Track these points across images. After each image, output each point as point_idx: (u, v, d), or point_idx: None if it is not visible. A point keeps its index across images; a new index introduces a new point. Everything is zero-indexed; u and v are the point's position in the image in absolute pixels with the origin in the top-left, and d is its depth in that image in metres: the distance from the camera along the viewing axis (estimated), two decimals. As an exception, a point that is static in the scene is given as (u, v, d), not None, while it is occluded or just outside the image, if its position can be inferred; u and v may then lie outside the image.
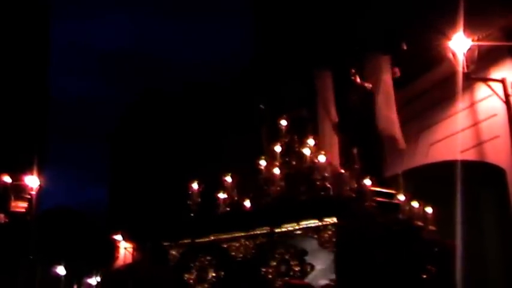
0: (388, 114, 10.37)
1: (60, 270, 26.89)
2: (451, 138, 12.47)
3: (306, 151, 8.55)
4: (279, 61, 13.75)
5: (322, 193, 8.06)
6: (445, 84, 12.19)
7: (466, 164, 11.60)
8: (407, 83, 12.32)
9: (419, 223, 9.35)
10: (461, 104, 12.09)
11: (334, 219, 7.75)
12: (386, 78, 10.58)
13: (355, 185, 8.57)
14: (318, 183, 8.12)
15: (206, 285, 8.81)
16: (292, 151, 9.17)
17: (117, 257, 22.36)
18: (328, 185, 8.06)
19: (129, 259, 21.16)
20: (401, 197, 9.30)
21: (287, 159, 9.09)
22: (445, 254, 9.46)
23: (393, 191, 9.54)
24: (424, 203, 9.60)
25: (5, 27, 13.64)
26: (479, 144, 11.92)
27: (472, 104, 12.14)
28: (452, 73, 11.55)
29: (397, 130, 10.42)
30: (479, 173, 11.83)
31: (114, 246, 22.58)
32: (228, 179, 9.04)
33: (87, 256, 25.19)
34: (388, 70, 10.68)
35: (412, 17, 12.61)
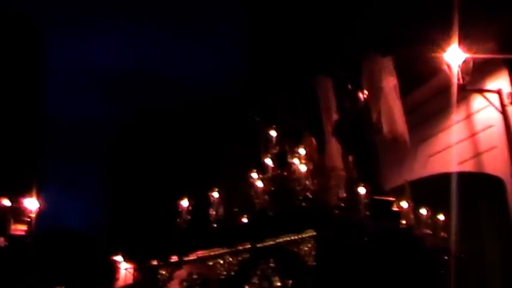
0: (391, 116, 10.27)
1: (61, 293, 26.71)
2: (449, 150, 12.40)
3: (295, 161, 8.41)
4: (272, 70, 13.74)
5: (303, 204, 7.87)
6: (441, 96, 12.13)
7: (464, 175, 11.54)
8: (404, 95, 12.24)
9: (427, 231, 9.27)
10: (457, 115, 12.06)
11: (313, 232, 7.62)
12: (387, 81, 10.48)
13: (345, 194, 8.45)
14: (298, 194, 7.96)
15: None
16: (283, 162, 9.08)
17: (118, 278, 22.25)
18: (310, 196, 7.89)
19: (130, 280, 21.07)
20: (404, 204, 9.14)
21: (278, 171, 9.03)
22: (455, 261, 9.34)
23: (392, 199, 9.43)
24: (433, 210, 9.52)
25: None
26: (476, 155, 11.88)
27: (469, 116, 12.12)
28: (448, 85, 11.52)
29: (402, 130, 10.30)
30: (477, 184, 11.75)
31: (114, 267, 22.48)
32: (215, 194, 8.96)
33: (87, 278, 25.07)
34: (390, 71, 10.58)
35: (406, 29, 12.59)
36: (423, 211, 9.36)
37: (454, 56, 11.05)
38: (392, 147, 10.52)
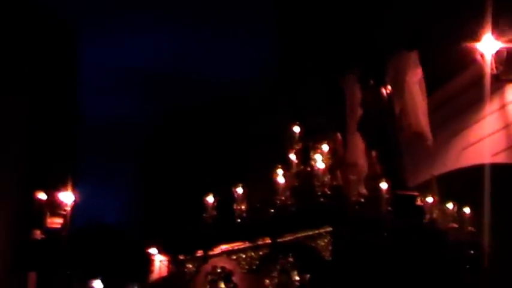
0: (415, 112, 10.13)
1: (97, 284, 27.18)
2: (482, 142, 12.20)
3: (318, 157, 8.39)
4: (300, 67, 13.71)
5: (321, 200, 7.87)
6: (474, 88, 11.96)
7: (497, 167, 11.35)
8: (435, 89, 12.11)
9: (454, 225, 9.12)
10: (491, 106, 11.86)
11: (329, 228, 7.63)
12: (412, 75, 10.33)
13: (365, 190, 8.39)
14: (317, 190, 7.95)
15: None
16: (307, 158, 9.06)
17: (153, 270, 22.54)
18: (328, 191, 7.88)
19: (164, 272, 21.32)
20: (429, 199, 9.04)
21: (302, 167, 9.02)
22: (483, 256, 9.22)
23: (416, 194, 9.33)
24: (463, 204, 9.37)
25: (33, 48, 14.04)
26: (511, 146, 11.65)
27: (503, 106, 11.87)
28: (481, 76, 11.36)
29: (424, 127, 10.15)
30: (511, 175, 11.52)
31: (149, 260, 22.79)
32: (239, 190, 9.02)
33: (122, 270, 25.46)
34: (415, 65, 10.42)
35: (438, 19, 12.41)
36: (449, 205, 9.20)
37: (488, 46, 10.90)
38: (418, 143, 10.36)
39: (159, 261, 22.43)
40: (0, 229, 12.77)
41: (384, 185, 8.34)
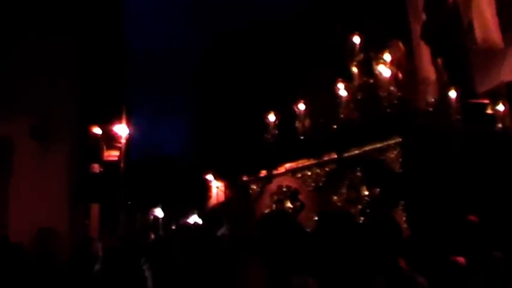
0: (484, 21, 9.65)
1: (158, 212, 27.78)
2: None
3: (381, 67, 8.03)
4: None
5: (388, 111, 7.57)
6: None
7: None
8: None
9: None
10: None
11: (398, 139, 7.34)
12: None
13: (434, 98, 8.05)
14: (383, 101, 7.65)
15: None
16: (369, 70, 8.74)
17: (210, 196, 22.82)
18: (395, 102, 7.57)
19: (222, 197, 21.55)
20: (500, 107, 8.55)
21: (364, 78, 8.72)
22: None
23: (487, 101, 8.94)
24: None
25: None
26: None
27: None
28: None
29: (496, 36, 9.69)
30: None
31: (206, 186, 23.04)
32: (301, 106, 8.80)
33: (181, 198, 25.89)
34: None
35: None
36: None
37: None
38: (486, 51, 9.87)
39: (216, 187, 22.70)
40: (61, 164, 12.87)
41: (452, 94, 7.99)
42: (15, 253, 5.40)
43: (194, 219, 23.24)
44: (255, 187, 9.34)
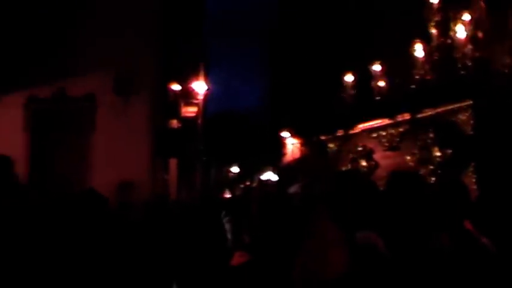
0: None
1: (234, 169, 28.25)
2: None
3: (459, 27, 7.89)
4: None
5: (462, 72, 7.49)
6: None
7: None
8: None
9: None
10: None
11: (470, 101, 7.33)
12: None
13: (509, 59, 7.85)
14: (458, 62, 7.56)
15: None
16: (448, 30, 8.60)
17: (286, 153, 22.98)
18: (469, 63, 7.45)
19: (297, 154, 21.69)
20: None
21: (442, 39, 8.59)
22: None
23: None
24: None
25: None
26: None
27: None
28: None
29: None
30: None
31: (281, 143, 23.22)
32: (377, 67, 8.81)
33: (257, 154, 26.17)
34: None
35: None
36: None
37: None
38: None
39: (291, 144, 22.88)
40: (142, 119, 13.23)
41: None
42: (103, 206, 5.73)
43: (269, 175, 23.55)
44: (332, 145, 9.50)
